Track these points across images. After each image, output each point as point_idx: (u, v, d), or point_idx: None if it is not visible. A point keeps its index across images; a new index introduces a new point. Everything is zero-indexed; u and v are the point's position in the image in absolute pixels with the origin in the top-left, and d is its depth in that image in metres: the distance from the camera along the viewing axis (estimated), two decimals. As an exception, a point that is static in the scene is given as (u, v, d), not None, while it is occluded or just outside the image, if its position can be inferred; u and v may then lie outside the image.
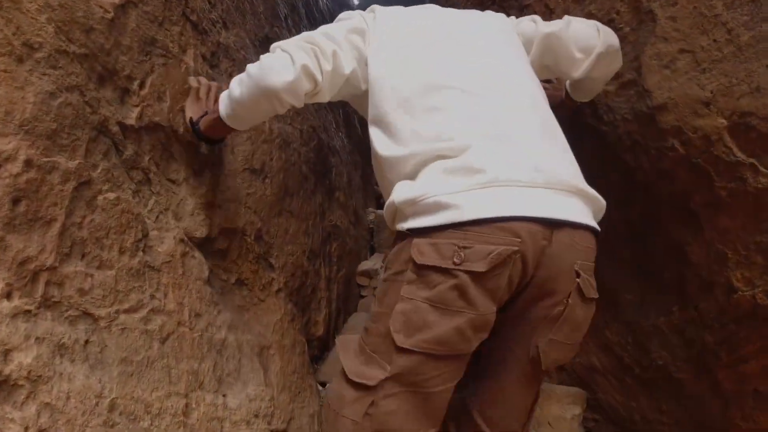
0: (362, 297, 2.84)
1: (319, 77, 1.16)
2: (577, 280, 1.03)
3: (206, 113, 1.37)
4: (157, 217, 1.36)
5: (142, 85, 1.31)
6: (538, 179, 1.00)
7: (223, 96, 1.30)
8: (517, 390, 1.15)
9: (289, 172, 2.03)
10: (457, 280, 0.96)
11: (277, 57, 1.16)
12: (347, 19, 1.30)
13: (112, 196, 1.18)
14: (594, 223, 1.08)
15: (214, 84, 1.43)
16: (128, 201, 1.23)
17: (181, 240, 1.41)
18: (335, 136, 2.94)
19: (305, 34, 1.21)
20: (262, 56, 1.21)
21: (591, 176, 1.16)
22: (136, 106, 1.29)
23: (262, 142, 1.84)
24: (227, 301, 1.62)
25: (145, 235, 1.29)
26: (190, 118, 1.39)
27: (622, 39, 1.62)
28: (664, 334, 1.89)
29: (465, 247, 0.95)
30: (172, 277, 1.36)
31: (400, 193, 1.05)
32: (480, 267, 0.95)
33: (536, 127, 1.10)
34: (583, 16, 1.69)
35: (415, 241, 1.00)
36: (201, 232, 1.50)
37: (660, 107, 1.53)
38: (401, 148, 1.09)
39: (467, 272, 0.95)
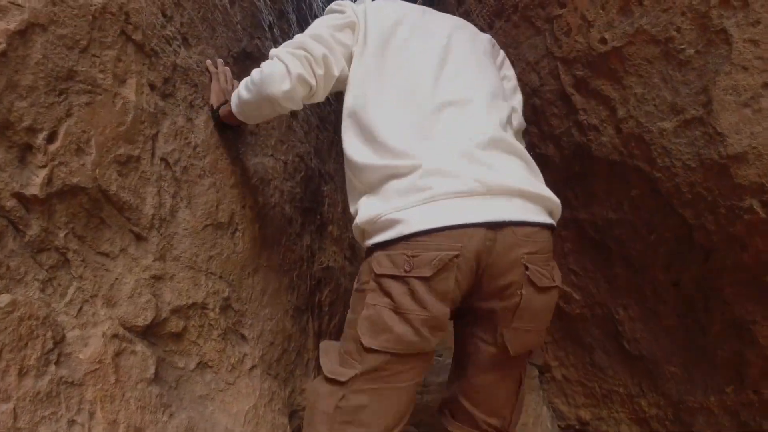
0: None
1: (313, 83, 1.26)
2: (526, 272, 1.12)
3: (226, 101, 1.44)
4: (80, 309, 1.02)
5: (51, 138, 0.97)
6: (479, 188, 1.10)
7: (234, 95, 1.38)
8: (496, 378, 1.24)
9: (268, 218, 1.68)
10: (409, 286, 1.08)
11: (275, 66, 1.25)
12: (339, 11, 1.34)
13: (3, 300, 0.85)
14: (542, 219, 1.16)
15: (228, 70, 1.52)
16: (30, 303, 0.90)
17: (114, 335, 1.07)
18: (329, 158, 2.60)
19: (297, 39, 1.28)
20: (262, 63, 1.30)
21: (636, 231, 0.95)
22: (43, 167, 0.95)
23: (230, 187, 1.49)
24: (185, 393, 1.28)
25: (59, 342, 0.96)
26: (211, 105, 1.46)
27: (684, 63, 1.27)
28: (713, 415, 1.58)
29: (413, 256, 1.07)
30: (101, 389, 1.02)
31: (362, 215, 1.18)
32: (426, 272, 1.06)
33: (487, 140, 1.17)
34: (632, 32, 1.36)
35: (376, 254, 1.14)
36: (145, 318, 1.16)
37: (737, 157, 1.19)
38: (371, 158, 1.20)
39: (416, 278, 1.07)
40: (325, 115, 2.77)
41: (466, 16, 2.12)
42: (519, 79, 1.81)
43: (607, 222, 1.70)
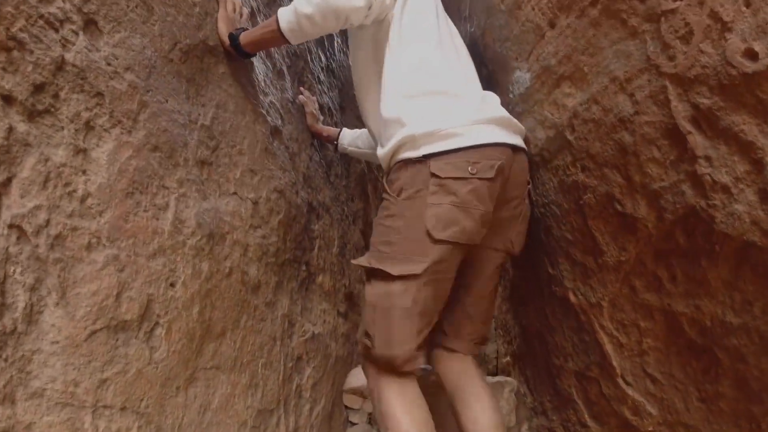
0: (351, 425, 1.94)
1: (375, 7, 1.38)
2: (528, 186, 1.47)
3: (243, 29, 1.44)
4: None
5: None
6: (504, 123, 1.39)
7: (286, 12, 1.40)
8: (491, 287, 1.51)
9: (217, 294, 1.13)
10: (473, 185, 1.27)
11: None
12: None
13: None
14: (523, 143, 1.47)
15: (237, 1, 1.50)
16: None
17: None
18: (326, 184, 2.04)
19: None
20: None
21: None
22: None
23: (149, 258, 0.94)
24: None
25: None
26: (230, 33, 1.41)
27: None
28: None
29: (476, 162, 1.28)
30: None
31: (418, 127, 1.32)
32: (489, 174, 1.29)
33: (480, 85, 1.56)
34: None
35: (433, 162, 1.29)
36: None
37: None
38: (432, 72, 1.42)
39: (480, 179, 1.28)
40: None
41: (517, 8, 1.55)
42: (596, 102, 1.26)
43: (721, 325, 1.14)
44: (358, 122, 2.22)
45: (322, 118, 2.06)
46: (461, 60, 1.52)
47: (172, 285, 0.99)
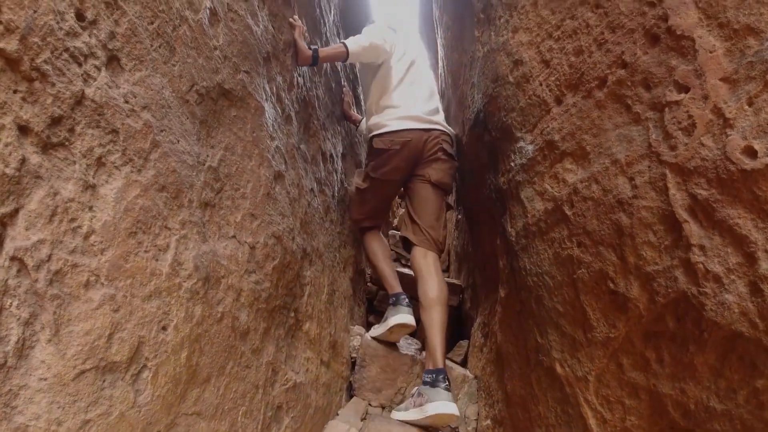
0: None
1: (389, 50, 2.63)
2: (441, 146, 2.54)
3: (316, 46, 2.32)
4: None
5: None
6: (417, 119, 2.51)
7: (352, 41, 2.44)
8: (428, 198, 2.55)
9: (207, 338, 1.12)
10: (390, 152, 2.48)
11: (377, 40, 2.52)
12: (389, 30, 2.68)
13: None
14: (445, 129, 2.62)
15: (303, 27, 2.26)
16: None
17: None
18: (320, 230, 2.05)
19: (377, 29, 2.62)
20: (365, 36, 2.54)
21: None
22: None
23: (144, 300, 0.93)
24: None
25: None
26: (312, 48, 2.23)
27: None
28: None
29: (393, 140, 2.46)
30: None
31: (373, 122, 2.62)
32: (397, 146, 2.45)
33: (426, 99, 2.66)
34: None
35: (374, 139, 2.55)
36: None
37: None
38: (384, 100, 2.63)
39: (393, 149, 2.47)
40: (323, 176, 2.24)
41: (526, 82, 1.60)
42: (596, 181, 1.29)
43: (705, 410, 1.14)
44: (356, 168, 3.13)
45: (354, 105, 3.27)
46: (414, 90, 2.63)
47: (164, 328, 0.98)
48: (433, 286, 2.28)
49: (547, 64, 1.50)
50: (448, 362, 2.46)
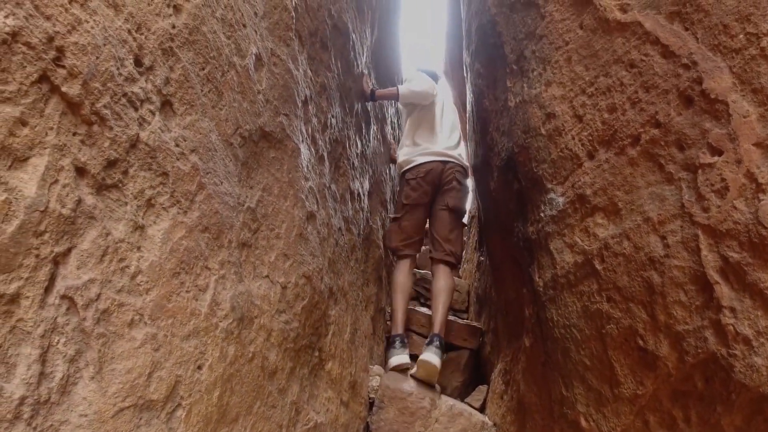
0: None
1: (429, 100, 3.34)
2: (456, 176, 3.18)
3: (375, 88, 3.28)
4: None
5: None
6: (437, 154, 3.20)
7: (403, 88, 3.31)
8: (445, 220, 3.13)
9: (238, 378, 1.14)
10: (418, 179, 3.14)
11: (430, 89, 3.31)
12: (434, 80, 3.47)
13: None
14: (459, 161, 3.25)
15: (368, 79, 3.28)
16: None
17: None
18: (346, 268, 2.07)
19: (425, 81, 3.32)
20: (417, 82, 3.32)
21: None
22: None
23: (183, 339, 0.96)
24: None
25: None
26: (371, 89, 3.21)
27: None
28: None
29: (419, 170, 3.16)
30: None
31: (402, 157, 3.32)
32: (422, 174, 3.14)
33: (447, 135, 3.34)
34: None
35: (406, 173, 3.22)
36: None
37: None
38: (416, 135, 3.34)
39: (417, 177, 3.15)
40: (350, 215, 2.27)
41: (558, 135, 1.62)
42: (627, 238, 1.30)
43: (735, 475, 1.12)
44: (381, 207, 3.39)
45: (371, 81, 3.48)
46: (438, 128, 3.30)
47: (200, 367, 1.00)
48: (440, 282, 2.99)
49: (580, 119, 1.53)
50: (466, 407, 2.44)
